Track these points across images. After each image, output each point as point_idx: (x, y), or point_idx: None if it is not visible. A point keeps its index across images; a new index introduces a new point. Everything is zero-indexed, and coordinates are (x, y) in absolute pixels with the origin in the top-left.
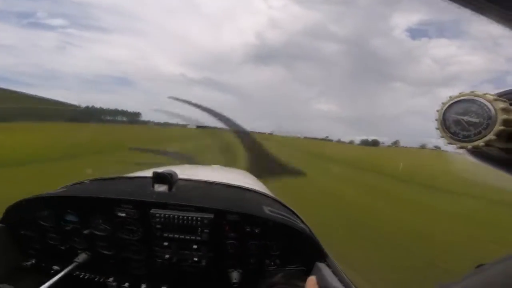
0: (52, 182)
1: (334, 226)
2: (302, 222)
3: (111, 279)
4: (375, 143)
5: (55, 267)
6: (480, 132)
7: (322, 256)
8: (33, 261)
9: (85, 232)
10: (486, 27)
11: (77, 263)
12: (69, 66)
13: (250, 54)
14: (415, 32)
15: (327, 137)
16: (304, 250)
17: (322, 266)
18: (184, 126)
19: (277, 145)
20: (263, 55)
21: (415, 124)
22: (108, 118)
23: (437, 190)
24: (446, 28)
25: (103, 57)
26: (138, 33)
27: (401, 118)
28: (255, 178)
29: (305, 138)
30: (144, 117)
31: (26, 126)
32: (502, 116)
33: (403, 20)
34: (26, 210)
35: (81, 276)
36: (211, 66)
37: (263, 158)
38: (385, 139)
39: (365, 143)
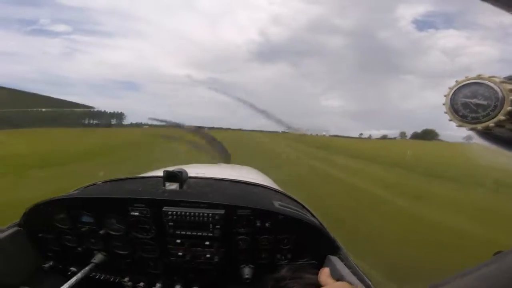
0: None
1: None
2: (313, 215)
3: (126, 278)
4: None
5: (73, 269)
6: (488, 114)
7: (334, 249)
8: (51, 263)
9: (101, 232)
10: (495, 17)
11: (94, 264)
12: (76, 71)
13: (254, 52)
14: (422, 24)
15: (361, 134)
16: (315, 244)
17: (334, 259)
18: (180, 126)
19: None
20: (267, 52)
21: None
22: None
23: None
24: (453, 18)
25: (109, 61)
26: (142, 35)
27: (413, 111)
28: (263, 174)
29: (332, 136)
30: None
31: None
32: (510, 97)
33: (409, 11)
34: (43, 213)
35: (97, 277)
36: (216, 66)
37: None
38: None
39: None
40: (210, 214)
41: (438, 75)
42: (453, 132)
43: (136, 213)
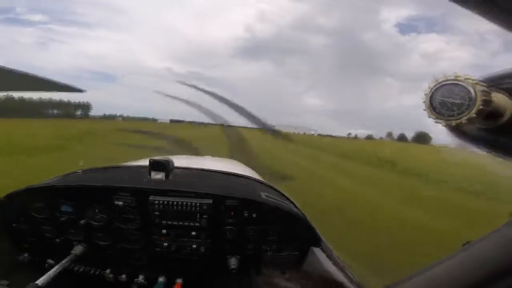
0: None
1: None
2: (296, 207)
3: (108, 270)
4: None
5: (50, 261)
6: (463, 112)
7: (316, 240)
8: (27, 255)
9: (81, 222)
10: (473, 23)
11: (73, 256)
12: (50, 62)
13: (239, 47)
14: (405, 27)
15: (349, 134)
16: (299, 235)
17: (317, 250)
18: (154, 120)
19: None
20: (252, 48)
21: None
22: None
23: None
24: (435, 23)
25: (86, 52)
26: (122, 27)
27: (391, 112)
28: (248, 167)
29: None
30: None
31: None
32: (481, 97)
33: (392, 14)
34: (18, 202)
35: (77, 269)
36: (198, 61)
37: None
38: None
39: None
40: (198, 204)
41: (417, 78)
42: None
43: (120, 203)
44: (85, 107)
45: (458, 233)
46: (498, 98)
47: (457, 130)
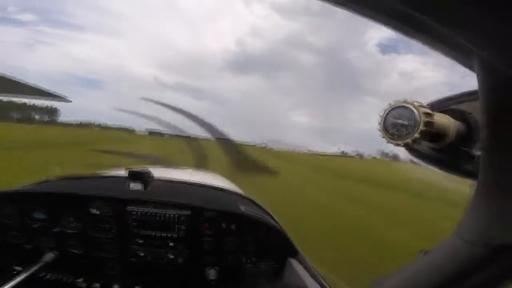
0: None
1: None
2: (274, 220)
3: (81, 279)
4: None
5: (18, 268)
6: (409, 133)
7: (293, 252)
8: None
9: (54, 230)
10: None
11: (43, 263)
12: (35, 64)
13: (229, 60)
14: (386, 47)
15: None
16: (277, 247)
17: (294, 262)
18: (131, 131)
19: None
20: (242, 62)
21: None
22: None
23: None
24: (412, 44)
25: (73, 56)
26: (113, 31)
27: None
28: (227, 180)
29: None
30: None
31: None
32: (424, 119)
33: (375, 34)
34: None
35: (47, 277)
36: (186, 71)
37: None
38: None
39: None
40: (176, 215)
41: (395, 96)
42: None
43: (97, 212)
44: (51, 111)
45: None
46: (443, 119)
47: (412, 150)
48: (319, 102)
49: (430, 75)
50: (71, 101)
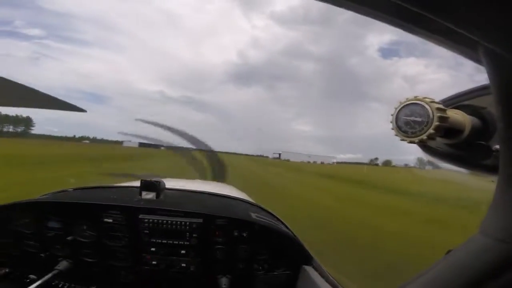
0: None
1: None
2: (286, 227)
3: (93, 287)
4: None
5: (32, 276)
6: (423, 129)
7: (307, 259)
8: (7, 270)
9: (69, 238)
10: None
11: (57, 271)
12: (39, 78)
13: (232, 73)
14: (387, 51)
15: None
16: (290, 254)
17: (308, 269)
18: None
19: None
20: (244, 74)
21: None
22: None
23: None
24: (414, 47)
25: (78, 71)
26: (118, 47)
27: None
28: (238, 190)
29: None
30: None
31: None
32: (437, 114)
33: (375, 39)
34: (2, 216)
35: (60, 285)
36: (190, 85)
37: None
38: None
39: None
40: (188, 223)
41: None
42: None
43: (110, 220)
44: (23, 122)
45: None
46: (457, 115)
47: (427, 148)
48: (322, 110)
49: (436, 77)
50: (85, 111)
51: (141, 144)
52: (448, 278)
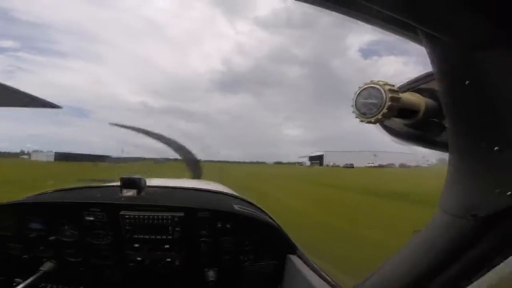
0: None
1: None
2: (270, 217)
3: None
4: None
5: (18, 280)
6: (378, 109)
7: (292, 248)
8: None
9: (51, 238)
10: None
11: (41, 273)
12: None
13: (217, 80)
14: (367, 52)
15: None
16: (274, 244)
17: (293, 258)
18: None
19: None
20: (230, 82)
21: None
22: None
23: None
24: (393, 46)
25: (56, 83)
26: (98, 58)
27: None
28: (223, 186)
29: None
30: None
31: None
32: (389, 95)
33: (357, 39)
34: None
35: (46, 287)
36: (175, 95)
37: None
38: None
39: None
40: (170, 217)
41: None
42: None
43: (91, 218)
44: None
45: None
46: (413, 97)
47: (388, 129)
48: (309, 113)
49: (414, 75)
50: (61, 107)
51: (59, 156)
52: (415, 258)
